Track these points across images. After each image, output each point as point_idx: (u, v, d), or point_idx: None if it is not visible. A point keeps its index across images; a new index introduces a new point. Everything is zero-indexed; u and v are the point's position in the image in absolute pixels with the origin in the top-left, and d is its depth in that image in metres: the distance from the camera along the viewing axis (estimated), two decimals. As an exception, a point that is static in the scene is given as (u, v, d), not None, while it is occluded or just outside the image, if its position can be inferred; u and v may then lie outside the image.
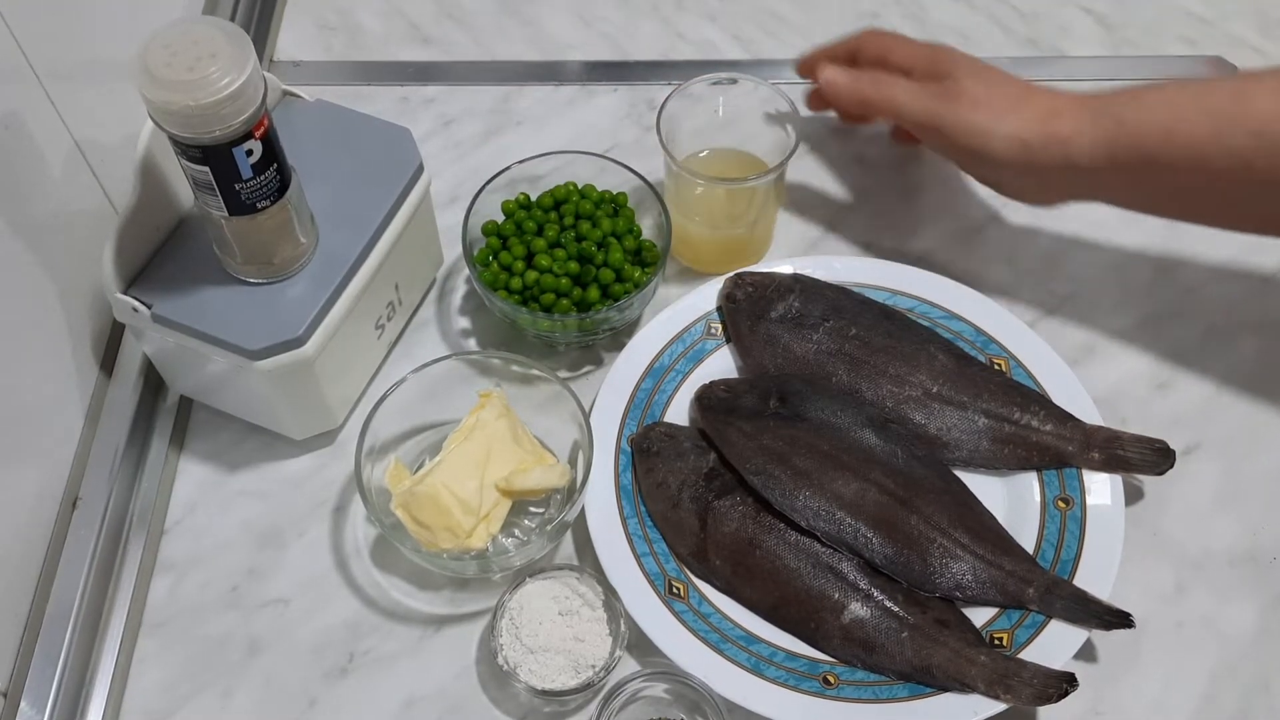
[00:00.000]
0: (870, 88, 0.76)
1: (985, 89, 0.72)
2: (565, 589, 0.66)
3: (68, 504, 0.70)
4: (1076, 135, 0.69)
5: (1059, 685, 0.61)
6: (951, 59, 0.74)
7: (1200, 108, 0.66)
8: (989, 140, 0.71)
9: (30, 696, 0.64)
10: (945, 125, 0.72)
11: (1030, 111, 0.70)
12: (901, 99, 0.74)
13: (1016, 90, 0.72)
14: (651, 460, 0.70)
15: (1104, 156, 0.68)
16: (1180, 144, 0.66)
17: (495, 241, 0.76)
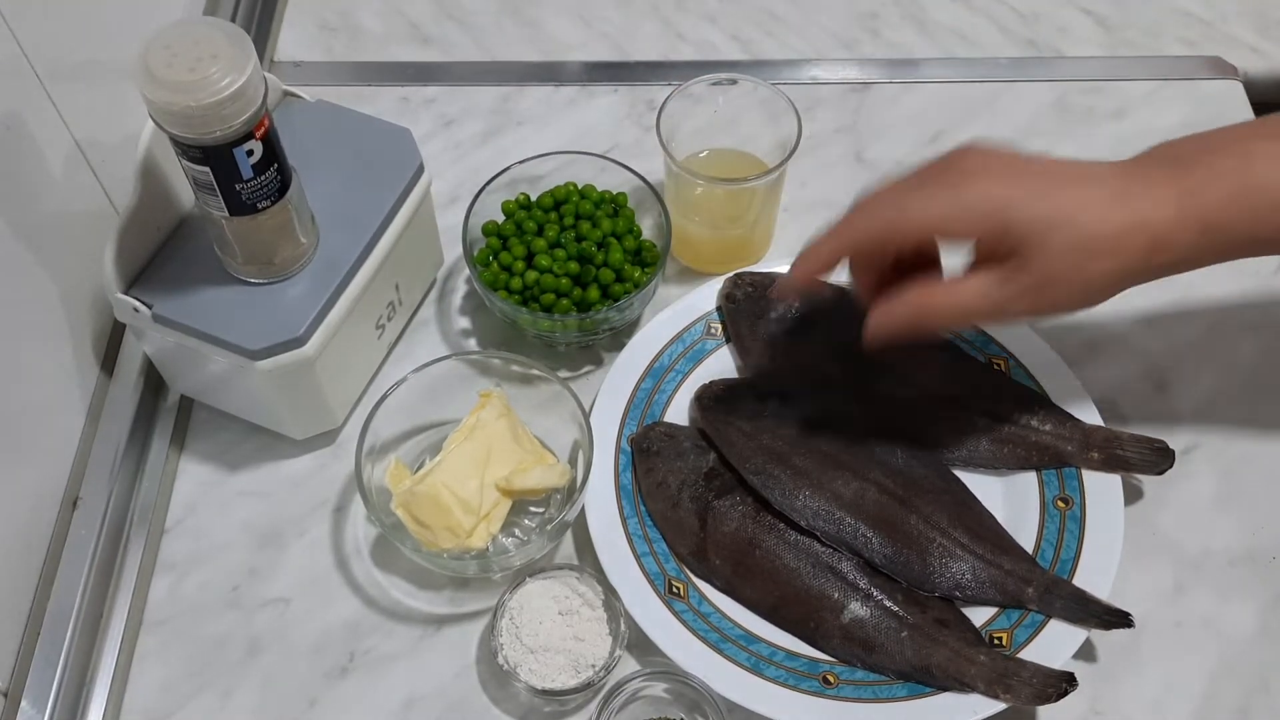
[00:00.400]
0: (933, 314, 0.61)
1: (1069, 257, 0.58)
2: (565, 589, 0.66)
3: (68, 504, 0.70)
4: (1181, 258, 0.60)
5: (1058, 685, 0.61)
6: (1005, 222, 0.58)
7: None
8: (1088, 306, 0.61)
9: (31, 696, 0.64)
10: (1037, 317, 0.64)
11: (1128, 255, 0.58)
12: (976, 312, 0.61)
13: (1105, 231, 0.58)
14: (651, 460, 0.70)
15: (1200, 257, 0.60)
16: None
17: (495, 242, 0.76)
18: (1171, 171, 0.59)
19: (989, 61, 0.92)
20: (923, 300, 0.61)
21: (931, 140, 0.87)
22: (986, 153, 0.61)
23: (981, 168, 0.60)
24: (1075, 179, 0.59)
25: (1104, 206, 0.58)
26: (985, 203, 0.58)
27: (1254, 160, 0.58)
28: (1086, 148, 0.87)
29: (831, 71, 0.91)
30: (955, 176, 0.60)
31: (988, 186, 0.59)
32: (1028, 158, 0.61)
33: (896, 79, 0.91)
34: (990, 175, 0.59)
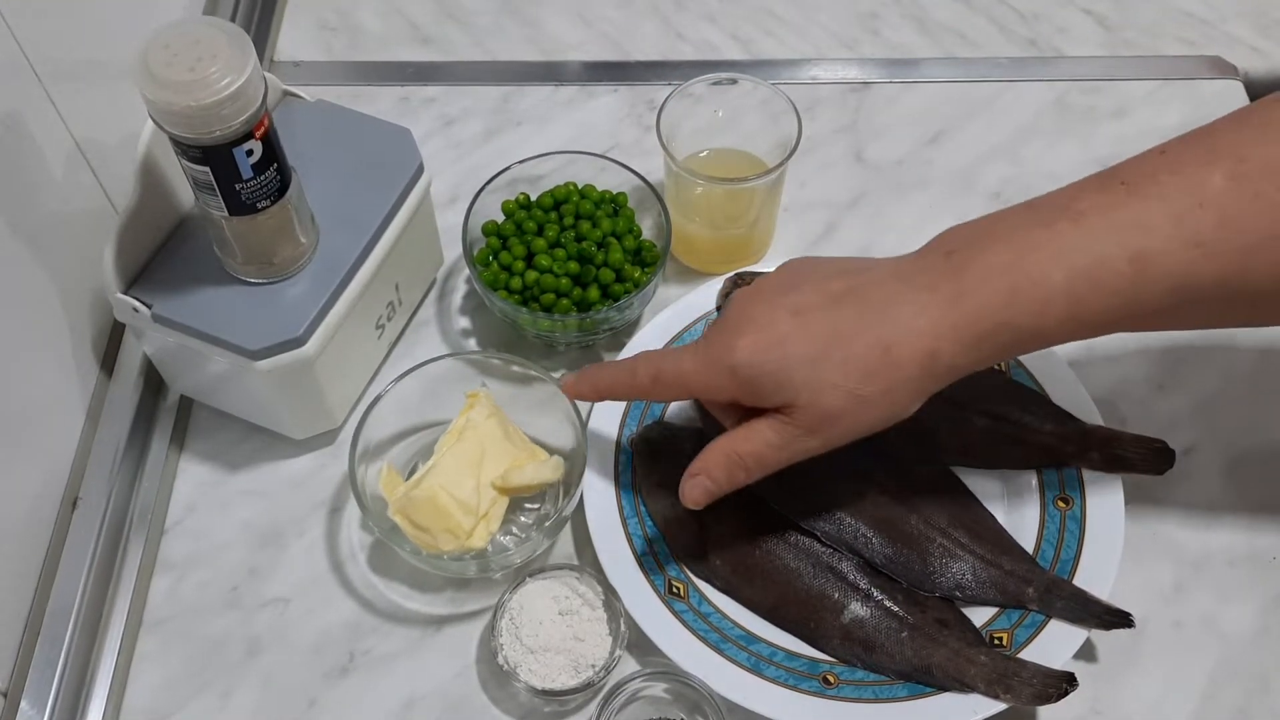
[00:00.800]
0: (738, 466, 0.60)
1: (834, 392, 0.56)
2: (565, 589, 0.66)
3: (68, 504, 0.70)
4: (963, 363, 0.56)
5: (1059, 685, 0.61)
6: (753, 379, 0.57)
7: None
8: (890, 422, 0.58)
9: (30, 696, 0.64)
10: (841, 444, 0.59)
11: (904, 370, 0.55)
12: (772, 462, 0.59)
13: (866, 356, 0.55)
14: (651, 460, 0.70)
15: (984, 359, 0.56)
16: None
17: (495, 241, 0.76)
18: (943, 272, 0.55)
19: (989, 61, 0.92)
20: (727, 450, 0.60)
21: (932, 140, 0.87)
22: (750, 302, 0.59)
23: (740, 322, 0.58)
24: (832, 302, 0.57)
25: (865, 326, 0.56)
26: (732, 366, 0.57)
27: (1026, 254, 0.54)
28: (1086, 147, 0.87)
29: (831, 71, 0.91)
30: (712, 337, 0.60)
31: (735, 344, 0.57)
32: (791, 287, 0.58)
33: (896, 79, 0.91)
34: (743, 330, 0.57)
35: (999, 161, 0.86)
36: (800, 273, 0.60)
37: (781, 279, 0.60)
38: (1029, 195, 0.83)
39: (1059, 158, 0.86)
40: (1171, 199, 0.53)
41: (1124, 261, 0.53)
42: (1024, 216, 0.56)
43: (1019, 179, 0.85)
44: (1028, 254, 0.54)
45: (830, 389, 0.56)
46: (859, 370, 0.55)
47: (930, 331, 0.55)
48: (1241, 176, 0.53)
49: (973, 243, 0.56)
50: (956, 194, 0.85)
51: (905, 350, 0.55)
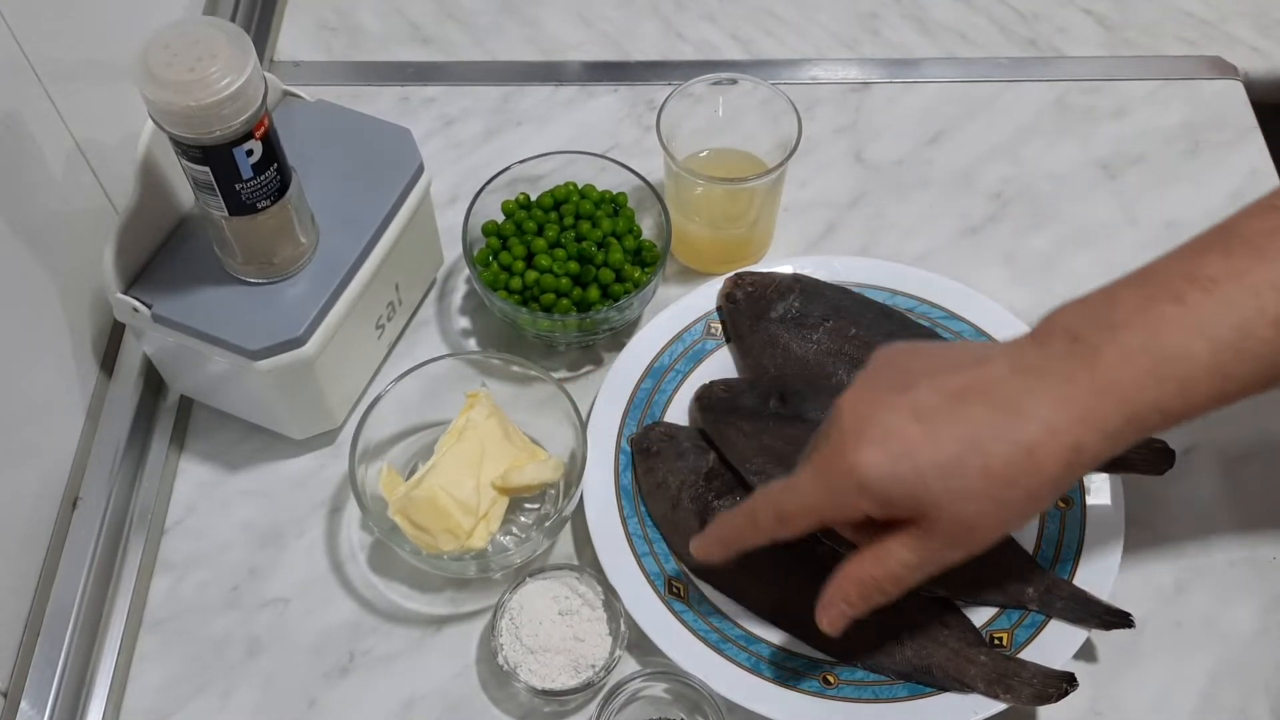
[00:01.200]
0: (871, 590, 0.57)
1: (977, 501, 0.53)
2: (565, 589, 0.66)
3: (68, 504, 0.70)
4: (1106, 453, 0.54)
5: (1059, 685, 0.61)
6: (886, 496, 0.53)
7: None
8: (1024, 526, 0.58)
9: (30, 696, 0.64)
10: (976, 553, 0.56)
11: (1046, 470, 0.52)
12: (907, 581, 0.56)
13: (1010, 458, 0.52)
14: (651, 460, 0.70)
15: (1126, 443, 0.54)
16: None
17: (495, 241, 0.76)
18: (1074, 359, 0.53)
19: (989, 61, 0.92)
20: (859, 575, 0.56)
21: (932, 140, 0.87)
22: (859, 399, 0.55)
23: (854, 430, 0.54)
24: (958, 400, 0.53)
25: (1000, 428, 0.52)
26: (860, 482, 0.53)
27: (1163, 331, 0.52)
28: (1086, 147, 0.87)
29: (831, 71, 0.91)
30: (829, 453, 0.55)
31: (858, 459, 0.53)
32: (905, 382, 0.55)
33: (896, 79, 0.91)
34: (862, 441, 0.53)
35: (999, 161, 0.86)
36: (907, 368, 0.56)
37: (887, 376, 0.56)
38: (1029, 195, 0.84)
39: (1059, 158, 0.86)
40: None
41: (1267, 326, 0.51)
42: (1146, 290, 0.53)
43: (1019, 179, 0.85)
44: (1164, 332, 0.52)
45: (972, 499, 0.53)
46: (1002, 477, 0.52)
47: (1073, 427, 0.52)
48: None
49: (1098, 324, 0.53)
50: (956, 194, 0.85)
51: (1049, 451, 0.52)
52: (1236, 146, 0.87)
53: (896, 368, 0.56)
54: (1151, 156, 0.86)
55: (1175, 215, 0.83)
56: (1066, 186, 0.85)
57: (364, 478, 0.68)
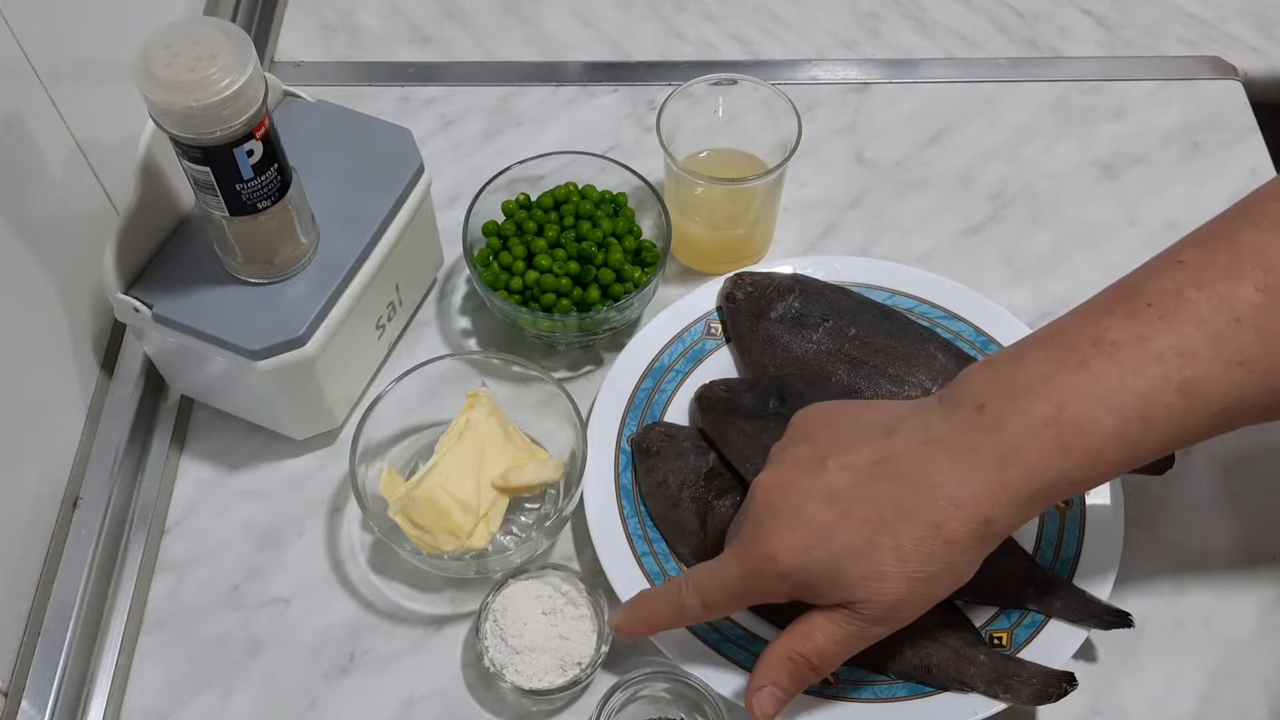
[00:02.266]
0: (805, 670, 0.57)
1: (892, 580, 0.53)
2: (548, 588, 0.66)
3: (68, 504, 0.70)
4: (1016, 523, 0.54)
5: (1058, 684, 0.61)
6: (806, 582, 0.55)
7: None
8: (952, 591, 0.56)
9: (31, 695, 0.64)
10: (907, 623, 0.56)
11: (957, 545, 0.53)
12: (838, 657, 0.56)
13: (919, 537, 0.53)
14: (651, 460, 0.70)
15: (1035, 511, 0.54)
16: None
17: (495, 242, 0.76)
18: (978, 430, 0.53)
19: (989, 61, 0.92)
20: (788, 654, 0.56)
21: (932, 140, 0.87)
22: (774, 487, 0.56)
23: (770, 518, 0.55)
24: (868, 480, 0.54)
25: (908, 507, 0.53)
26: (779, 571, 0.54)
27: (1068, 402, 0.52)
28: (1086, 147, 0.87)
29: (831, 71, 0.91)
30: (748, 540, 0.56)
31: (776, 547, 0.54)
32: (818, 465, 0.55)
33: (896, 79, 0.91)
34: (778, 529, 0.55)
35: (999, 161, 0.86)
36: (819, 441, 0.57)
37: (801, 454, 0.57)
38: (1029, 195, 0.84)
39: (1059, 158, 0.86)
40: (1206, 319, 0.51)
41: (1173, 394, 0.51)
42: (1050, 355, 0.53)
43: (1019, 179, 0.85)
44: (1070, 402, 0.52)
45: (889, 578, 0.53)
46: (914, 555, 0.53)
47: (980, 500, 0.52)
48: (1272, 289, 0.51)
49: (1002, 392, 0.53)
50: (956, 194, 0.85)
51: (958, 526, 0.52)
52: (1236, 146, 0.87)
53: (810, 441, 0.58)
54: (1151, 157, 0.86)
55: (1175, 215, 0.83)
56: (1066, 186, 0.85)
57: (364, 478, 0.68)
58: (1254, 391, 0.51)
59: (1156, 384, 0.51)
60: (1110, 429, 0.51)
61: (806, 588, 0.55)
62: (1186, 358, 0.51)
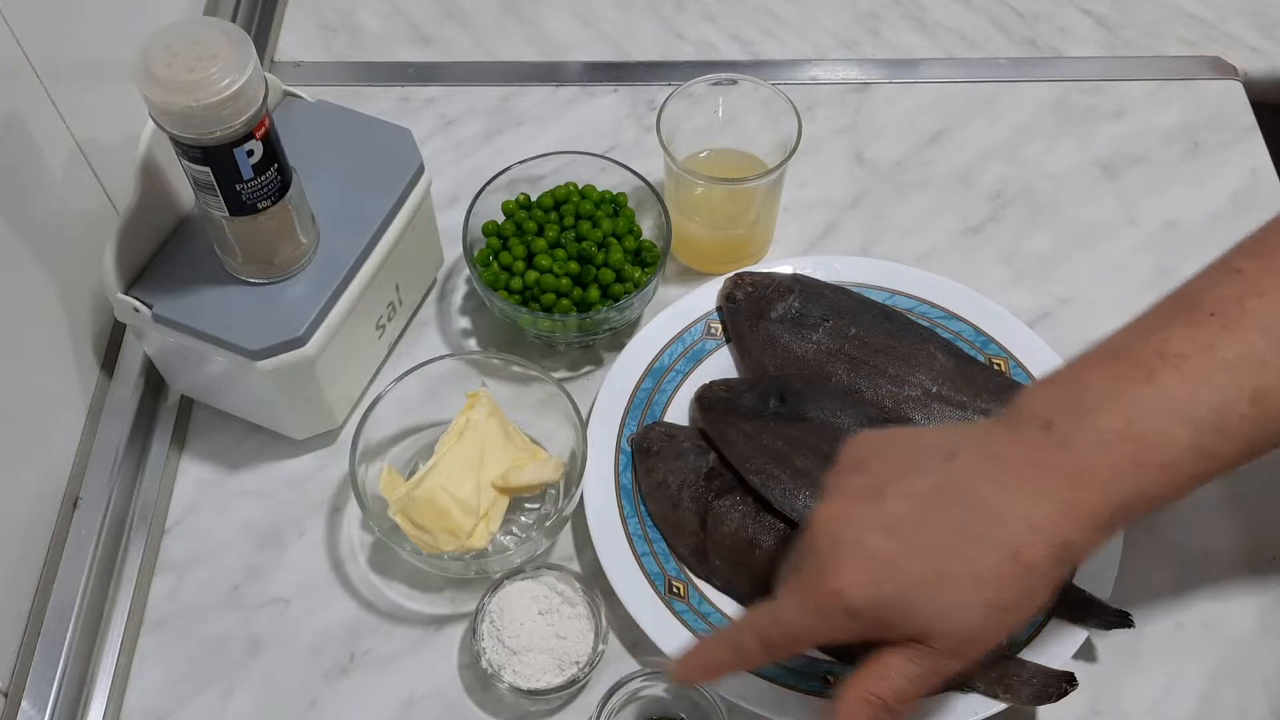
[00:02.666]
0: (883, 712, 0.53)
1: (965, 611, 0.51)
2: (544, 588, 0.66)
3: (69, 504, 0.70)
4: (1091, 545, 0.52)
5: (1058, 685, 0.61)
6: (881, 619, 0.51)
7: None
8: (1023, 626, 0.54)
9: (31, 695, 0.64)
10: (977, 660, 0.53)
11: (1034, 572, 0.50)
12: (911, 695, 0.52)
13: (994, 563, 0.50)
14: (651, 460, 0.70)
15: (1112, 532, 0.52)
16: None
17: (495, 242, 0.76)
18: (1049, 448, 0.51)
19: (989, 61, 0.92)
20: (867, 695, 0.52)
21: (932, 140, 0.87)
22: (834, 519, 0.53)
23: (831, 553, 0.52)
24: (933, 509, 0.51)
25: (981, 534, 0.50)
26: (847, 608, 0.51)
27: (1140, 416, 0.50)
28: (1086, 147, 0.87)
29: (831, 71, 0.91)
30: (810, 579, 0.52)
31: (841, 583, 0.51)
32: (877, 492, 0.52)
33: (896, 79, 0.91)
34: (841, 564, 0.51)
35: (999, 161, 0.86)
36: (874, 470, 0.54)
37: (856, 483, 0.54)
38: (1029, 195, 0.84)
39: (1059, 158, 0.86)
40: (1271, 327, 0.50)
41: (1246, 403, 0.50)
42: (1113, 372, 0.52)
43: (1019, 179, 0.85)
44: (1140, 417, 0.50)
45: (965, 609, 0.50)
46: (992, 582, 0.50)
47: (1056, 523, 0.50)
48: None
49: (1068, 410, 0.51)
50: (956, 194, 0.85)
51: (1037, 551, 0.50)
52: (1236, 146, 0.87)
53: (864, 470, 0.54)
54: (1151, 157, 0.86)
55: (1175, 215, 0.83)
56: (1066, 186, 0.85)
57: (364, 478, 0.68)
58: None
59: (1229, 395, 0.50)
60: (1185, 442, 0.50)
61: (878, 624, 0.51)
62: (1257, 367, 0.50)
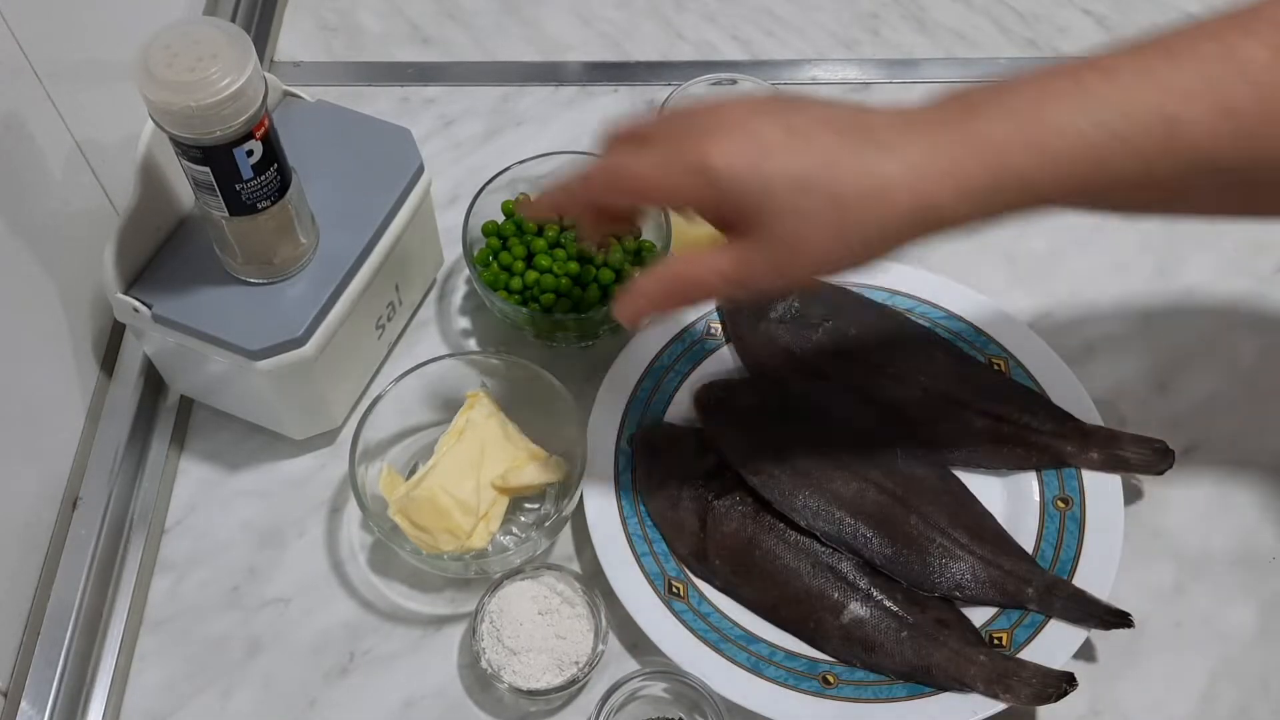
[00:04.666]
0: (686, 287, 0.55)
1: (815, 220, 0.50)
2: (543, 588, 0.66)
3: (68, 504, 0.70)
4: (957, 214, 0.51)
5: (1058, 685, 0.61)
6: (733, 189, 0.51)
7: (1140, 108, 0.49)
8: (853, 269, 0.53)
9: (31, 696, 0.64)
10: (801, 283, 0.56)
11: (890, 212, 0.50)
12: (728, 284, 0.54)
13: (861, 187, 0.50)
14: (651, 460, 0.70)
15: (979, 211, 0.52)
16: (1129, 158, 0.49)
17: (495, 242, 0.76)
18: (956, 115, 0.51)
19: (989, 61, 0.92)
20: (676, 273, 0.55)
21: (931, 140, 0.87)
22: (730, 106, 0.53)
23: (716, 125, 0.52)
24: (831, 129, 0.51)
25: (860, 158, 0.50)
26: (709, 169, 0.51)
27: (1050, 101, 0.50)
28: (1086, 148, 0.87)
29: (831, 71, 0.91)
30: (684, 134, 0.53)
31: (717, 148, 0.51)
32: (784, 107, 0.53)
33: (896, 79, 0.91)
34: (722, 133, 0.51)
35: (999, 161, 0.86)
36: (800, 99, 0.55)
37: (777, 99, 0.54)
38: (1029, 195, 0.84)
39: (1059, 158, 0.86)
40: (1210, 66, 0.49)
41: (1157, 122, 0.49)
42: (1048, 72, 0.51)
43: (1019, 179, 0.85)
44: (1050, 103, 0.49)
45: (810, 219, 0.50)
46: (847, 205, 0.50)
47: (931, 178, 0.50)
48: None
49: (989, 91, 0.51)
50: (956, 194, 0.85)
51: (903, 194, 0.50)
52: (1236, 146, 0.86)
53: (788, 97, 0.55)
54: (1151, 156, 0.86)
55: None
56: (1066, 186, 0.85)
57: (364, 478, 0.68)
58: (1234, 152, 0.49)
59: (1143, 107, 0.49)
60: (1084, 136, 0.49)
61: (723, 197, 0.51)
62: (1180, 94, 0.49)
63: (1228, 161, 0.50)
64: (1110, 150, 0.49)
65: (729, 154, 0.51)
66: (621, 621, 0.66)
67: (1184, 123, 0.49)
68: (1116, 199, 0.52)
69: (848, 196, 0.50)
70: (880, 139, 0.51)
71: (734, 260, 0.53)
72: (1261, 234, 0.82)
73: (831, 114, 0.52)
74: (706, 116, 0.53)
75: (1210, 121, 0.49)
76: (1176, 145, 0.49)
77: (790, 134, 0.51)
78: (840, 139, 0.51)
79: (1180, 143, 0.49)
